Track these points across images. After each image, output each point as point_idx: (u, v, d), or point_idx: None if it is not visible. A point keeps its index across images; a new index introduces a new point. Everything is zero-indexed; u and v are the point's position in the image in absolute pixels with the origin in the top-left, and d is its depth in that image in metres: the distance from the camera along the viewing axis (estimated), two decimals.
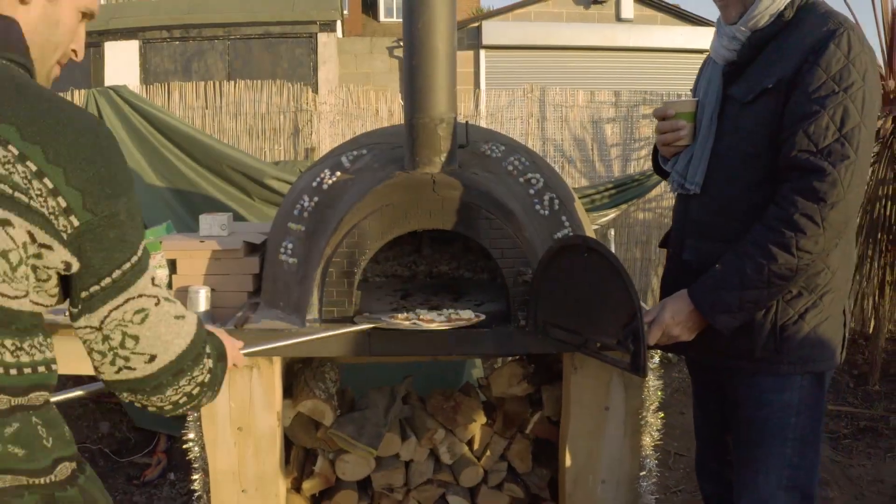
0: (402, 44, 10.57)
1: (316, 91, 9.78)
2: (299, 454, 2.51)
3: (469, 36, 11.46)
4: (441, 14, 2.11)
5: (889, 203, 4.49)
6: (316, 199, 2.34)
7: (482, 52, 11.56)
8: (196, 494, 2.40)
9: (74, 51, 1.30)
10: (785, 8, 1.74)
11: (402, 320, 2.12)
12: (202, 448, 2.31)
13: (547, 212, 2.26)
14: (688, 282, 1.81)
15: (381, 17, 30.92)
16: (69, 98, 4.96)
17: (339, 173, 2.35)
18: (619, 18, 12.05)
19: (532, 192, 2.28)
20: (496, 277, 2.21)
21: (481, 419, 2.52)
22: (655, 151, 2.10)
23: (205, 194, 4.41)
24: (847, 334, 1.90)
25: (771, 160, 1.71)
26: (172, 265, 2.56)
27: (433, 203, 2.15)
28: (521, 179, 2.30)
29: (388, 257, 2.94)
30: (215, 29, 11.24)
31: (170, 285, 2.57)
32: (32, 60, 1.19)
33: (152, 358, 1.17)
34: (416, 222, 2.15)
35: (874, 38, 4.70)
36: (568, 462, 2.36)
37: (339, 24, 11.81)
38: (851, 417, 4.48)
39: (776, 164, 1.71)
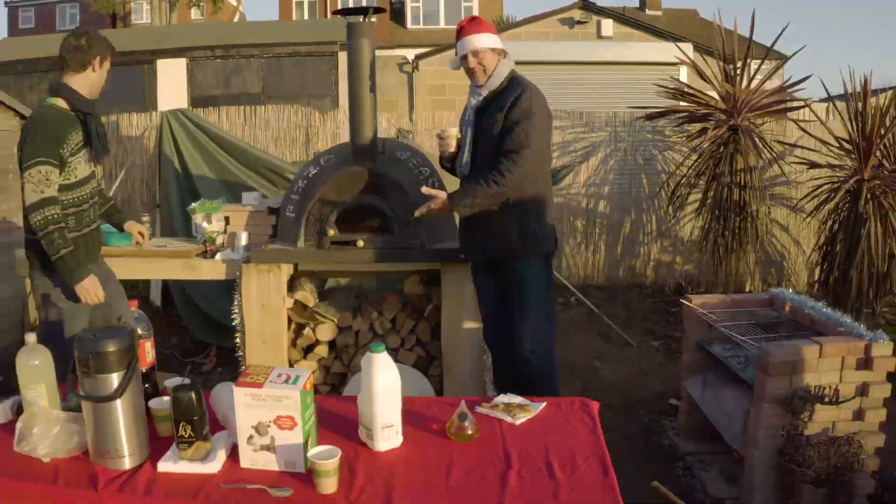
0: (410, 61, 12.33)
1: (336, 104, 11.70)
2: (295, 325, 4.43)
3: None
4: (366, 83, 4.01)
5: (725, 189, 6.23)
6: (305, 182, 4.25)
7: None
8: (237, 345, 4.32)
9: None
10: (503, 80, 3.56)
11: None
12: (242, 317, 4.24)
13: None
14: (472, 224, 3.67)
15: (409, 25, 32.42)
16: (147, 119, 6.94)
17: (318, 168, 4.27)
18: (599, 36, 13.78)
19: (421, 177, 4.15)
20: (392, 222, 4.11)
21: (398, 307, 4.42)
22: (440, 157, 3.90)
23: (244, 184, 6.32)
24: (556, 237, 3.66)
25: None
26: (227, 220, 4.49)
27: (367, 183, 4.08)
28: (416, 171, 4.17)
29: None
30: (252, 49, 13.23)
31: (225, 231, 4.50)
32: None
33: None
34: (356, 194, 4.07)
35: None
36: (446, 334, 4.23)
37: None
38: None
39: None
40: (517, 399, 2.54)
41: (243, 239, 4.37)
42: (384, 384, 2.15)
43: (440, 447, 2.22)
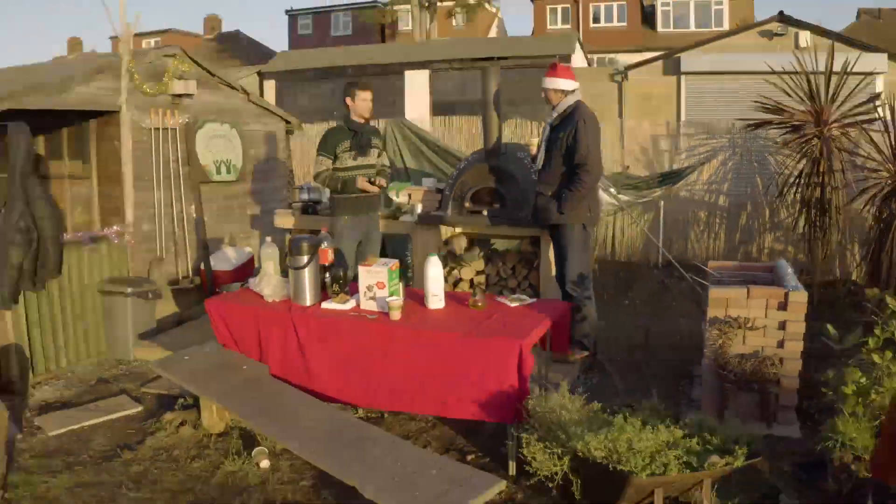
0: (621, 69, 13.97)
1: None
2: (448, 267, 6.59)
3: (672, 65, 14.61)
4: (491, 107, 6.07)
5: (806, 188, 7.37)
6: (457, 171, 6.43)
7: (682, 78, 14.60)
8: (410, 277, 6.59)
9: None
10: (566, 108, 5.40)
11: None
12: (413, 259, 6.50)
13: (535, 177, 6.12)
14: (539, 202, 5.57)
15: (659, 28, 33.23)
16: (377, 125, 9.48)
17: (465, 162, 6.42)
18: (796, 47, 14.42)
19: (531, 170, 6.13)
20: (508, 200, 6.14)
21: (516, 260, 6.43)
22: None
23: (443, 172, 8.58)
24: (593, 213, 5.43)
25: (563, 160, 5.38)
26: (409, 196, 6.77)
27: (492, 173, 6.18)
28: (528, 166, 6.16)
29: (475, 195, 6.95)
30: (484, 62, 15.60)
31: (408, 203, 6.77)
32: None
33: None
34: (485, 180, 6.19)
35: None
36: (542, 279, 6.18)
37: (575, 56, 15.65)
38: None
39: (567, 162, 5.38)
40: (524, 297, 4.54)
41: (418, 209, 6.63)
42: (433, 273, 4.27)
43: (462, 310, 4.29)
